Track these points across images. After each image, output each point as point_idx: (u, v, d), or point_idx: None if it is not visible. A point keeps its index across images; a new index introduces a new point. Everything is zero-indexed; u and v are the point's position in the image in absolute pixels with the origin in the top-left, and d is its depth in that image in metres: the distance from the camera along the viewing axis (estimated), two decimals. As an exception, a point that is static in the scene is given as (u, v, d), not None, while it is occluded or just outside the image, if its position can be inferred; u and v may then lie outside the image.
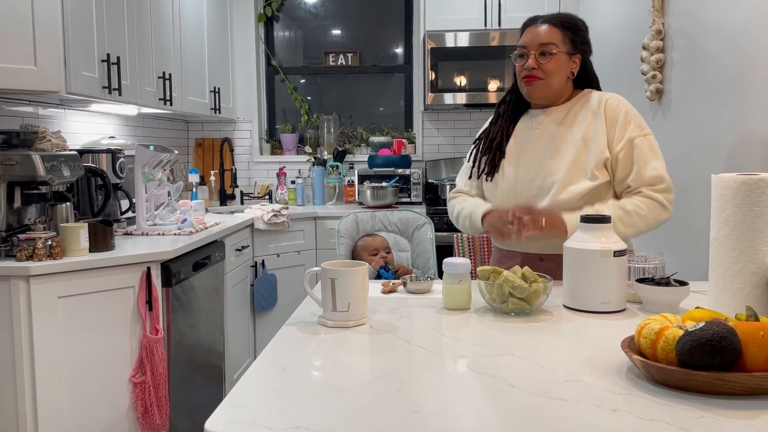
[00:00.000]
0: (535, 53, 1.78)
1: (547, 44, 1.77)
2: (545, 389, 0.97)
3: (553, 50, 1.77)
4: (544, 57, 1.77)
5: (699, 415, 0.87)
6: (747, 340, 0.93)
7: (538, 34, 1.78)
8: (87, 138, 3.04)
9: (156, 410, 2.24)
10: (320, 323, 1.35)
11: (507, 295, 1.39)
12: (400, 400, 0.94)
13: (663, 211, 1.73)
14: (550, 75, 1.78)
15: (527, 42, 1.79)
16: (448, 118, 4.46)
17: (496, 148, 1.88)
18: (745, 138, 2.12)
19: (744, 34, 2.12)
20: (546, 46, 1.77)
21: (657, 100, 2.80)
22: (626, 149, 1.73)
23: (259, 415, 0.89)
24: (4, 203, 2.10)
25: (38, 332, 2.00)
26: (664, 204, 1.72)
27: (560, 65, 1.79)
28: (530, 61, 1.78)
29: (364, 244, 2.44)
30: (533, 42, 1.78)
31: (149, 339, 2.23)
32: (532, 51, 1.78)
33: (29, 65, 2.21)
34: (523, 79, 1.81)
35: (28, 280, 1.97)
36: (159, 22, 3.11)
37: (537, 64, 1.77)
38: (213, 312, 2.86)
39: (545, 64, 1.77)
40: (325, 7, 4.61)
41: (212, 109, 3.85)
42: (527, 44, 1.79)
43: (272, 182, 4.43)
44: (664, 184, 1.73)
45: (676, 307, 1.40)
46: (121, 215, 2.81)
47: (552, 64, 1.78)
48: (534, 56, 1.77)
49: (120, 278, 2.18)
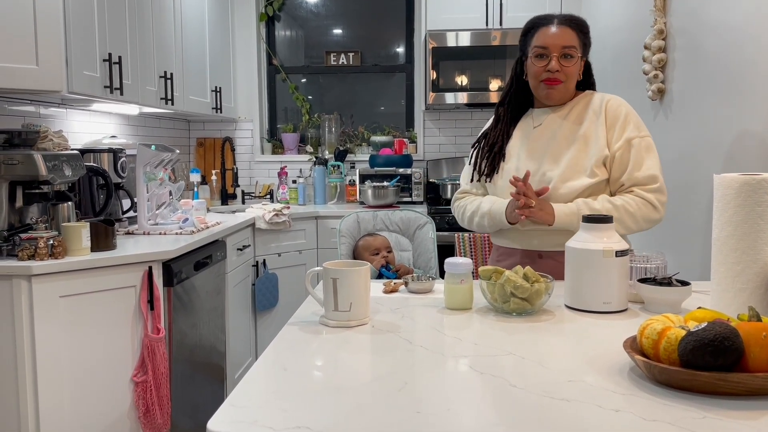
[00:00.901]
0: (557, 55, 1.77)
1: (570, 47, 1.78)
2: (547, 389, 0.97)
3: (575, 53, 1.78)
4: (566, 60, 1.78)
5: (701, 415, 0.87)
6: (749, 340, 0.93)
7: (559, 36, 1.78)
8: (88, 137, 3.04)
9: (157, 409, 2.24)
10: (322, 323, 1.35)
11: (509, 295, 1.38)
12: (402, 399, 0.94)
13: (653, 211, 1.74)
14: (570, 78, 1.80)
15: (548, 43, 1.78)
16: (450, 118, 4.46)
17: (496, 152, 1.89)
18: (748, 138, 2.12)
19: (746, 33, 2.12)
20: (568, 49, 1.78)
21: (659, 100, 2.80)
22: (623, 149, 1.75)
23: (260, 415, 0.89)
24: (5, 203, 2.10)
25: (40, 331, 2.00)
26: (655, 204, 1.74)
27: (578, 68, 1.82)
28: (554, 63, 1.77)
29: (365, 244, 2.44)
30: (556, 44, 1.77)
31: (151, 338, 2.23)
32: (555, 53, 1.77)
33: (31, 65, 2.21)
34: (543, 81, 1.80)
35: (30, 279, 1.97)
36: (160, 21, 3.11)
37: (560, 67, 1.77)
38: (214, 311, 2.86)
39: (568, 67, 1.78)
40: (327, 7, 4.61)
41: (213, 109, 3.85)
42: (549, 45, 1.78)
43: (273, 182, 4.43)
44: (657, 185, 1.74)
45: (678, 308, 1.40)
46: (123, 215, 2.81)
47: (574, 67, 1.79)
48: (557, 58, 1.77)
49: (121, 278, 2.19)
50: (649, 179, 1.74)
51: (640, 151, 1.75)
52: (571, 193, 1.75)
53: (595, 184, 1.75)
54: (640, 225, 1.74)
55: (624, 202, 1.72)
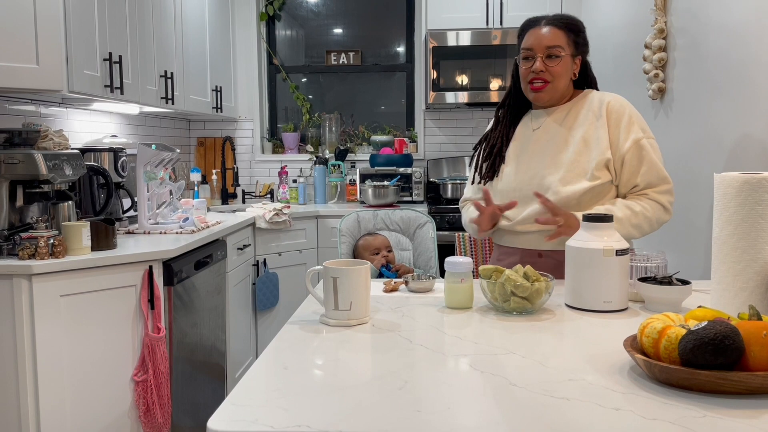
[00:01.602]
0: (542, 56, 1.77)
1: (554, 47, 1.77)
2: (547, 388, 0.97)
3: (560, 53, 1.77)
4: (551, 60, 1.77)
5: (701, 414, 0.87)
6: (749, 339, 0.93)
7: (544, 37, 1.78)
8: (89, 137, 3.04)
9: (158, 408, 2.24)
10: (322, 322, 1.35)
11: (509, 294, 1.38)
12: (402, 398, 0.94)
13: (664, 213, 1.77)
14: (557, 78, 1.79)
15: (533, 44, 1.78)
16: (450, 117, 4.46)
17: (496, 154, 1.89)
18: (748, 137, 2.12)
19: (747, 32, 2.12)
20: (553, 49, 1.77)
21: (659, 99, 2.80)
22: (633, 150, 1.75)
23: (261, 414, 0.89)
24: (6, 202, 2.10)
25: (40, 331, 2.00)
26: (666, 206, 1.77)
27: (566, 68, 1.80)
28: (538, 63, 1.77)
29: (365, 243, 2.44)
30: (540, 44, 1.77)
31: (151, 337, 2.23)
32: (539, 54, 1.77)
33: (31, 64, 2.21)
34: (529, 82, 1.80)
35: (31, 278, 1.98)
36: (161, 20, 3.11)
37: (544, 67, 1.77)
38: (214, 311, 2.87)
39: (553, 67, 1.77)
40: (327, 6, 4.61)
41: (214, 108, 3.85)
42: (533, 46, 1.78)
43: (274, 181, 4.43)
44: (669, 186, 1.77)
45: (678, 307, 1.40)
46: (123, 214, 2.81)
47: (559, 67, 1.78)
48: (541, 59, 1.77)
49: (122, 277, 2.19)
50: (662, 181, 1.75)
51: (649, 152, 1.75)
52: (572, 197, 1.74)
53: (595, 186, 1.74)
54: (654, 228, 1.77)
55: (642, 208, 1.73)
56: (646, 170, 1.74)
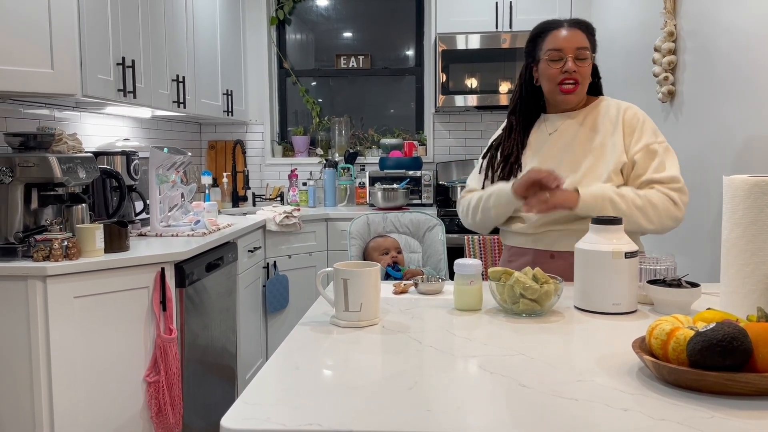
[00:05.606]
0: (572, 56, 1.78)
1: (583, 48, 1.79)
2: (556, 389, 0.98)
3: (587, 55, 1.80)
4: (580, 61, 1.79)
5: (710, 415, 0.87)
6: (758, 340, 0.94)
7: (573, 38, 1.79)
8: (102, 140, 3.07)
9: (169, 409, 2.26)
10: (332, 323, 1.36)
11: (518, 296, 1.39)
12: (412, 398, 0.95)
13: (675, 208, 1.73)
14: (584, 79, 1.82)
15: (563, 45, 1.79)
16: (459, 120, 4.47)
17: (513, 162, 1.89)
18: (757, 140, 2.12)
19: (756, 35, 2.12)
20: (582, 51, 1.79)
21: (669, 102, 2.80)
22: (643, 152, 1.77)
23: (273, 413, 0.91)
24: (21, 204, 2.13)
25: (54, 332, 2.03)
26: (677, 201, 1.73)
27: (591, 69, 1.84)
28: (570, 64, 1.78)
29: (375, 245, 2.45)
30: (570, 45, 1.79)
31: (163, 339, 2.26)
32: (570, 54, 1.78)
33: (46, 69, 2.24)
34: (559, 83, 1.81)
35: (45, 280, 2.00)
36: (173, 25, 3.15)
37: (576, 68, 1.79)
38: (225, 312, 2.89)
39: (583, 68, 1.80)
40: (337, 10, 4.63)
41: (225, 112, 3.88)
42: (563, 47, 1.79)
43: (284, 184, 4.45)
44: (679, 184, 1.75)
45: (687, 309, 1.40)
46: (136, 216, 2.84)
47: (587, 68, 1.81)
48: (572, 59, 1.78)
49: (134, 279, 2.21)
50: (671, 179, 1.74)
51: (660, 154, 1.76)
52: None
53: None
54: (663, 221, 1.72)
55: (647, 193, 1.73)
56: (655, 168, 1.75)
